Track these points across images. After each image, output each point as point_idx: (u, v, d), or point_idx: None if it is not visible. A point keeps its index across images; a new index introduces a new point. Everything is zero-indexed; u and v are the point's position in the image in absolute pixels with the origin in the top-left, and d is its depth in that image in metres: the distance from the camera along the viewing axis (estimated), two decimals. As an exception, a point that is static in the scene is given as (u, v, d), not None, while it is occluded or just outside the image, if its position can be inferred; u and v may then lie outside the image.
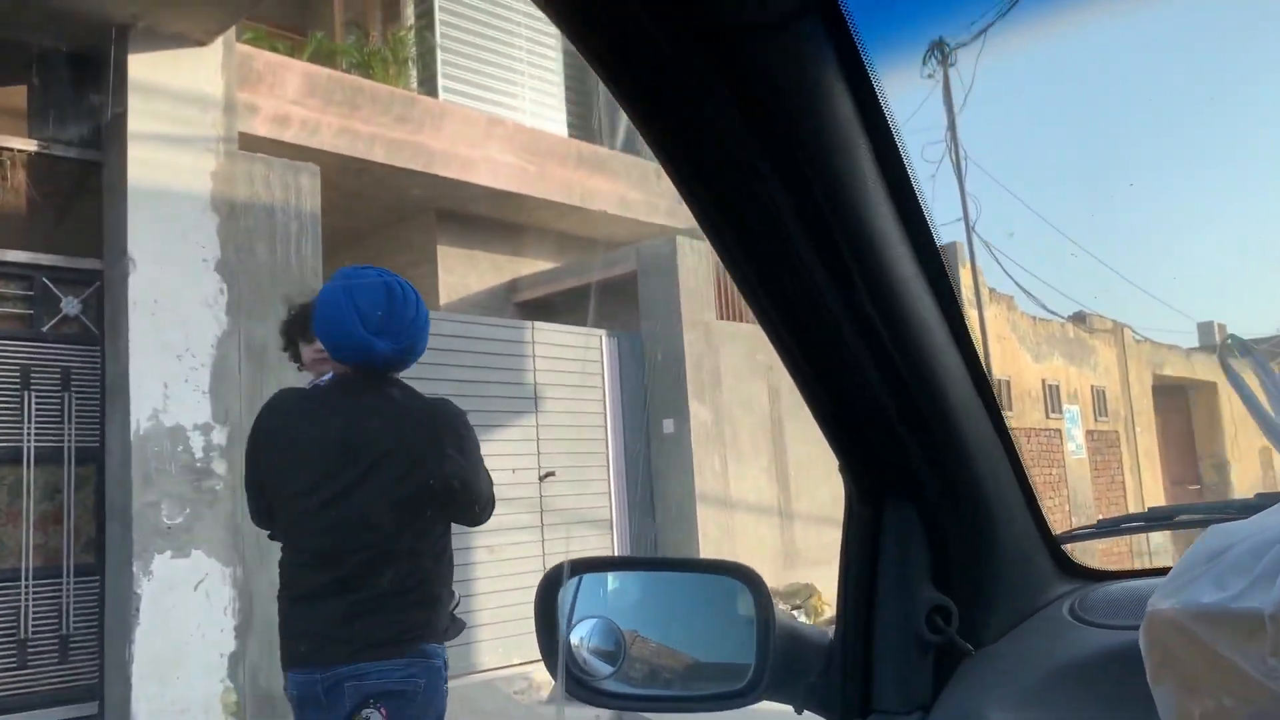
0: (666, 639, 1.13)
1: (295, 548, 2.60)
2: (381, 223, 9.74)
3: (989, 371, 0.94)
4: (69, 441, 5.45)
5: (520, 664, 6.93)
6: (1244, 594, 0.65)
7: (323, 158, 6.47)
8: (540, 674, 6.87)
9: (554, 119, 10.95)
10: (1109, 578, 1.09)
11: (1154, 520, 1.25)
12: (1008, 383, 11.35)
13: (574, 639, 1.12)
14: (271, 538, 2.74)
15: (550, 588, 1.14)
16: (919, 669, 0.95)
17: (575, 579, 1.16)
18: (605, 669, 1.10)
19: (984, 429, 0.96)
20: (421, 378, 6.57)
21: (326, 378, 2.72)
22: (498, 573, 6.91)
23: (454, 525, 2.73)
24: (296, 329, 2.91)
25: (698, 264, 8.43)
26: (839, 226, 0.79)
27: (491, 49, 10.43)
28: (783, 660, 0.99)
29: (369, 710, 2.40)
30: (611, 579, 1.19)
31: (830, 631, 1.06)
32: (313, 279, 6.03)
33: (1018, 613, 1.02)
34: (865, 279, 0.82)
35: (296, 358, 2.99)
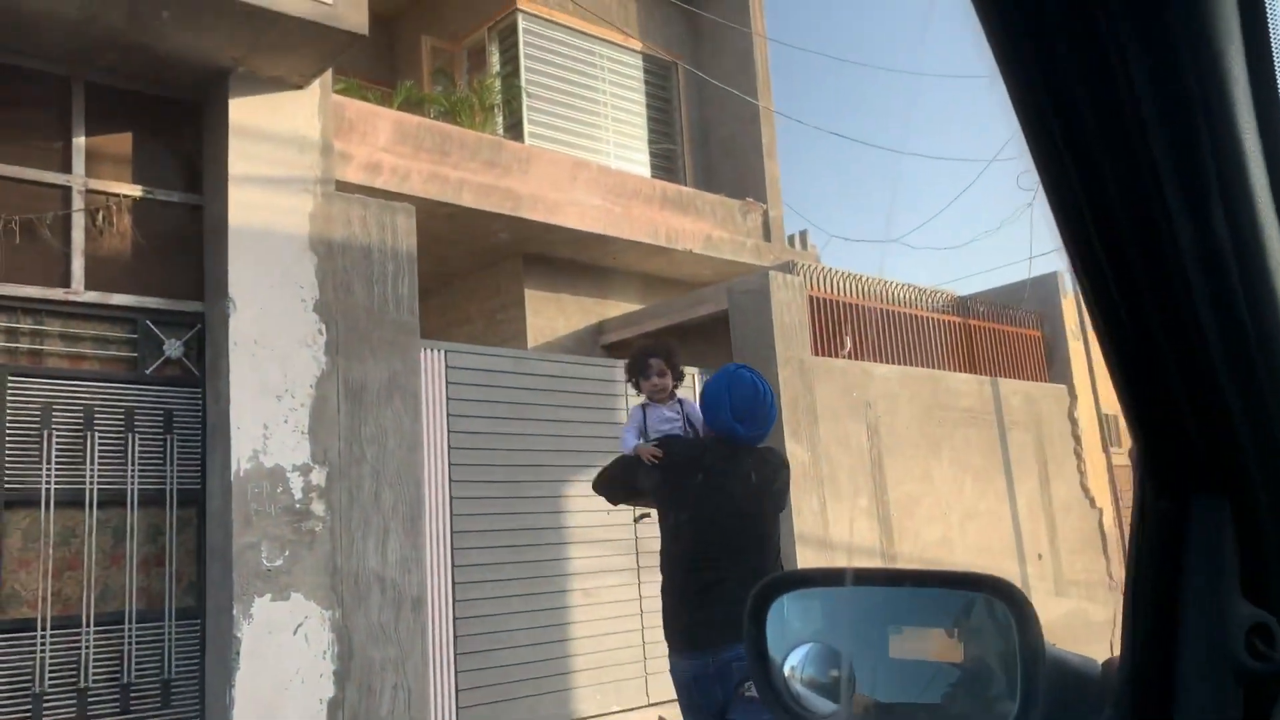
0: (900, 669, 0.96)
1: (701, 552, 3.34)
2: (470, 267, 9.78)
3: None
4: (171, 483, 5.45)
5: (619, 711, 6.71)
6: None
7: (413, 203, 6.50)
8: (640, 722, 6.64)
9: (638, 160, 10.95)
10: None
11: None
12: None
13: (787, 667, 0.96)
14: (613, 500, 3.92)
15: (760, 606, 0.98)
16: (1232, 703, 0.77)
17: (787, 596, 0.99)
18: (825, 704, 0.93)
19: None
20: (515, 417, 6.49)
21: (671, 412, 3.87)
22: (594, 616, 6.74)
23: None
24: (635, 369, 3.97)
25: (790, 299, 8.25)
26: (1204, 122, 0.64)
27: (576, 93, 10.49)
28: (1052, 693, 0.82)
29: (747, 683, 3.06)
30: (830, 596, 1.03)
31: (1100, 661, 0.88)
32: (409, 318, 6.01)
33: None
34: (1225, 205, 0.66)
35: (637, 387, 4.01)
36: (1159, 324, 0.72)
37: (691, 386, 8.14)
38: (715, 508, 3.40)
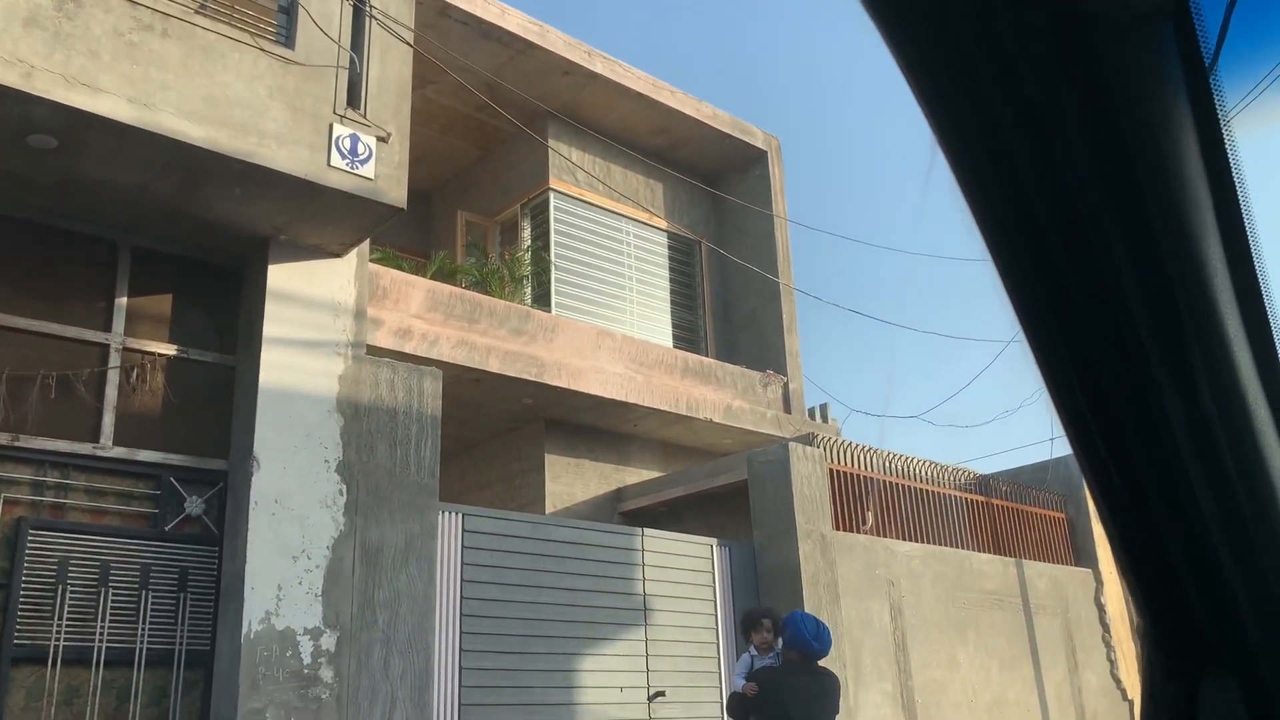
0: None
1: None
2: (493, 431, 9.85)
3: None
4: (180, 644, 5.37)
5: None
6: None
7: (440, 368, 6.63)
8: None
9: (660, 331, 11.16)
10: None
11: None
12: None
13: None
14: None
15: None
16: None
17: None
18: None
19: None
20: (530, 585, 6.40)
21: (770, 657, 5.47)
22: (604, 801, 6.44)
23: None
24: (749, 625, 5.68)
25: (811, 471, 8.23)
26: (1185, 304, 0.67)
27: (603, 267, 10.81)
28: None
29: None
30: None
31: None
32: (430, 480, 6.03)
33: None
34: (1211, 383, 0.69)
35: (747, 638, 5.69)
36: (1157, 503, 0.74)
37: (709, 558, 8.05)
38: (797, 709, 5.14)
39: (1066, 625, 9.92)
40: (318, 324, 5.88)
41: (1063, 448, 11.05)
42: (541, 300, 10.07)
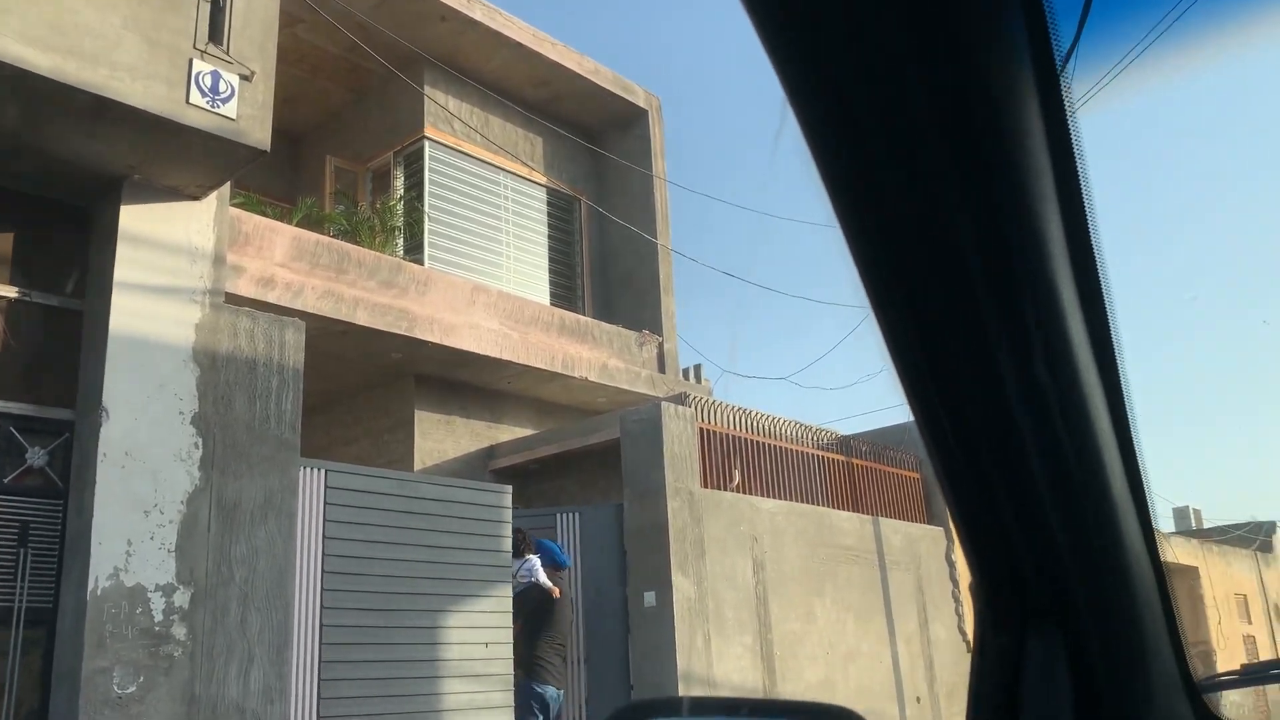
0: None
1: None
2: (360, 385, 9.64)
3: (1150, 493, 0.81)
4: (19, 601, 5.12)
5: None
6: None
7: (305, 319, 6.42)
8: None
9: (538, 287, 11.08)
10: None
11: None
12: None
13: None
14: None
15: None
16: None
17: None
18: None
19: (1141, 551, 0.83)
20: (395, 542, 6.33)
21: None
22: (467, 755, 6.45)
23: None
24: (522, 542, 7.27)
25: (682, 430, 8.34)
26: (1023, 273, 0.69)
27: (478, 220, 10.64)
28: None
29: None
30: None
31: None
32: (290, 435, 5.87)
33: None
34: (1045, 349, 0.71)
35: (520, 556, 7.23)
36: (991, 467, 0.77)
37: (571, 526, 8.10)
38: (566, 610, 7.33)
39: (918, 580, 10.38)
40: (173, 269, 5.63)
41: (921, 411, 11.48)
42: (414, 253, 9.86)
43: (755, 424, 9.40)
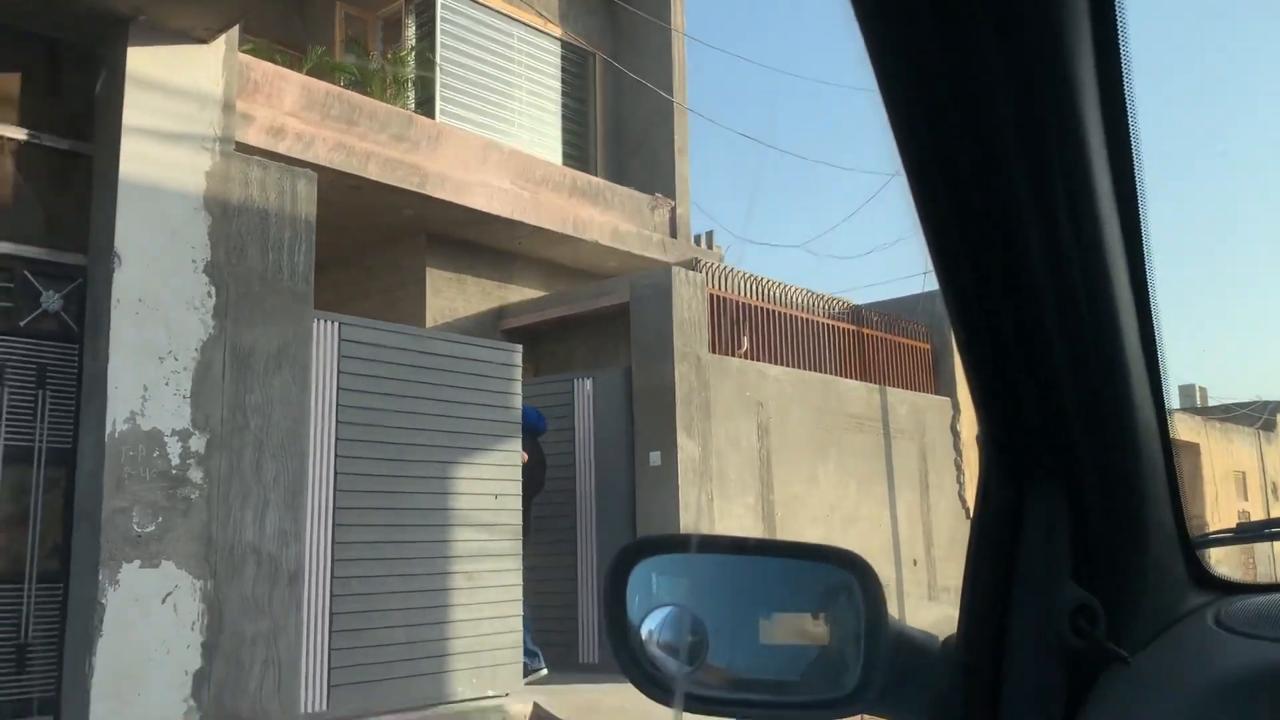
0: (755, 634, 0.98)
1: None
2: (372, 241, 9.61)
3: (1163, 354, 0.82)
4: (40, 441, 5.24)
5: (494, 697, 6.70)
6: None
7: (317, 172, 6.34)
8: (515, 707, 6.64)
9: (550, 147, 10.91)
10: (1244, 590, 0.97)
11: None
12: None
13: (644, 630, 0.97)
14: None
15: (621, 570, 0.99)
16: (1056, 679, 0.82)
17: (650, 560, 1.01)
18: (681, 666, 0.95)
19: (1149, 412, 0.84)
20: (408, 395, 6.42)
21: None
22: (474, 600, 6.70)
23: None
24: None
25: (692, 296, 8.34)
26: (1054, 120, 0.68)
27: (490, 74, 10.40)
28: (893, 666, 0.86)
29: None
30: (692, 563, 1.05)
31: (941, 637, 0.93)
32: (304, 287, 5.89)
33: (1158, 621, 0.89)
34: (1069, 203, 0.71)
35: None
36: (1008, 318, 0.77)
37: (571, 393, 8.18)
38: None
39: (922, 449, 10.54)
40: (182, 115, 5.54)
41: (934, 282, 11.44)
42: (425, 106, 9.68)
43: (766, 291, 9.38)
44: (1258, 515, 17.88)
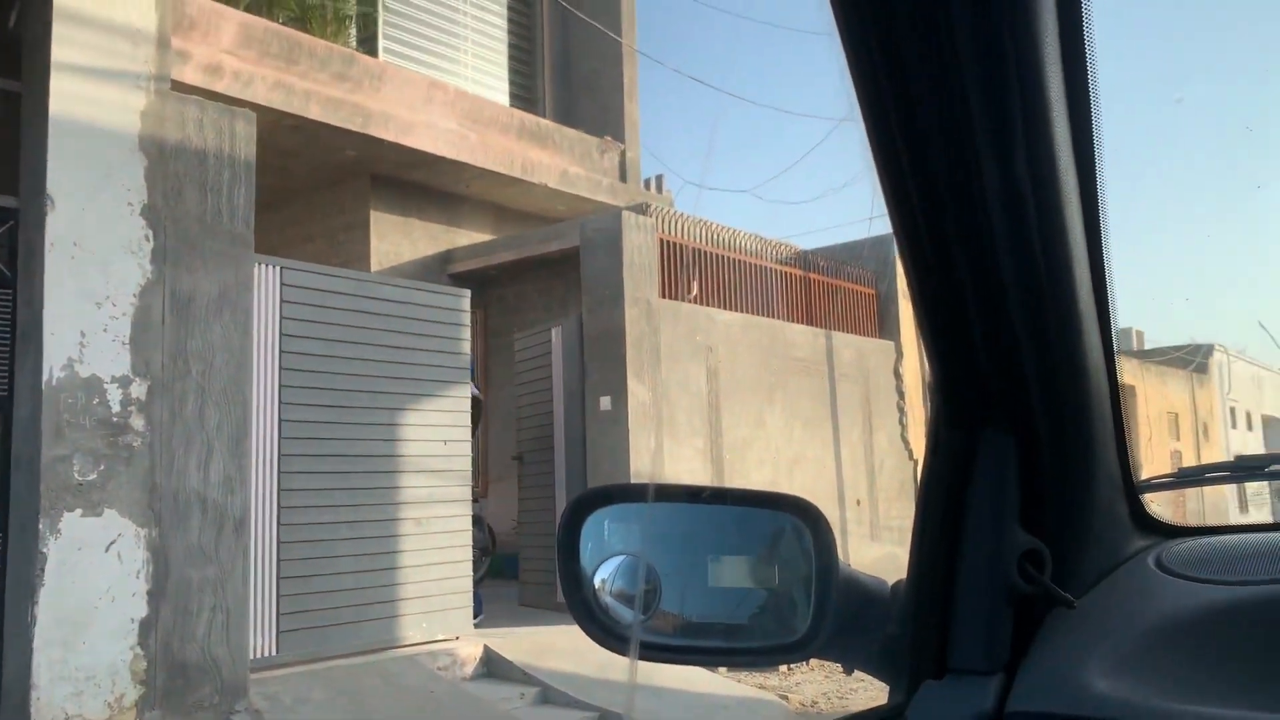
0: (708, 581, 0.99)
1: None
2: (314, 184, 9.42)
3: (1114, 304, 0.83)
4: (-27, 389, 5.11)
5: (445, 640, 6.75)
6: None
7: (256, 112, 6.18)
8: (465, 650, 6.70)
9: (497, 87, 10.74)
10: (1182, 534, 1.00)
11: (1242, 469, 1.16)
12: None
13: (598, 579, 0.98)
14: None
15: (575, 518, 0.99)
16: (1003, 622, 0.83)
17: (604, 509, 1.01)
18: (635, 615, 0.96)
19: (1098, 358, 0.85)
20: (352, 341, 6.35)
21: None
22: (423, 546, 6.72)
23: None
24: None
25: (642, 240, 8.31)
26: (1014, 64, 0.68)
27: (435, 11, 10.17)
28: (843, 611, 0.87)
29: None
30: (645, 512, 1.05)
31: (884, 574, 0.94)
32: (244, 230, 5.76)
33: (1102, 564, 0.91)
34: (1028, 149, 0.71)
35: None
36: (962, 264, 0.77)
37: (547, 340, 8.14)
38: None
39: (866, 392, 10.69)
40: (115, 51, 5.35)
41: (880, 227, 11.51)
42: (367, 45, 9.45)
43: (716, 237, 9.38)
44: (1189, 455, 18.44)
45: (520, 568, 8.70)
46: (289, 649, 6.00)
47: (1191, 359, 19.78)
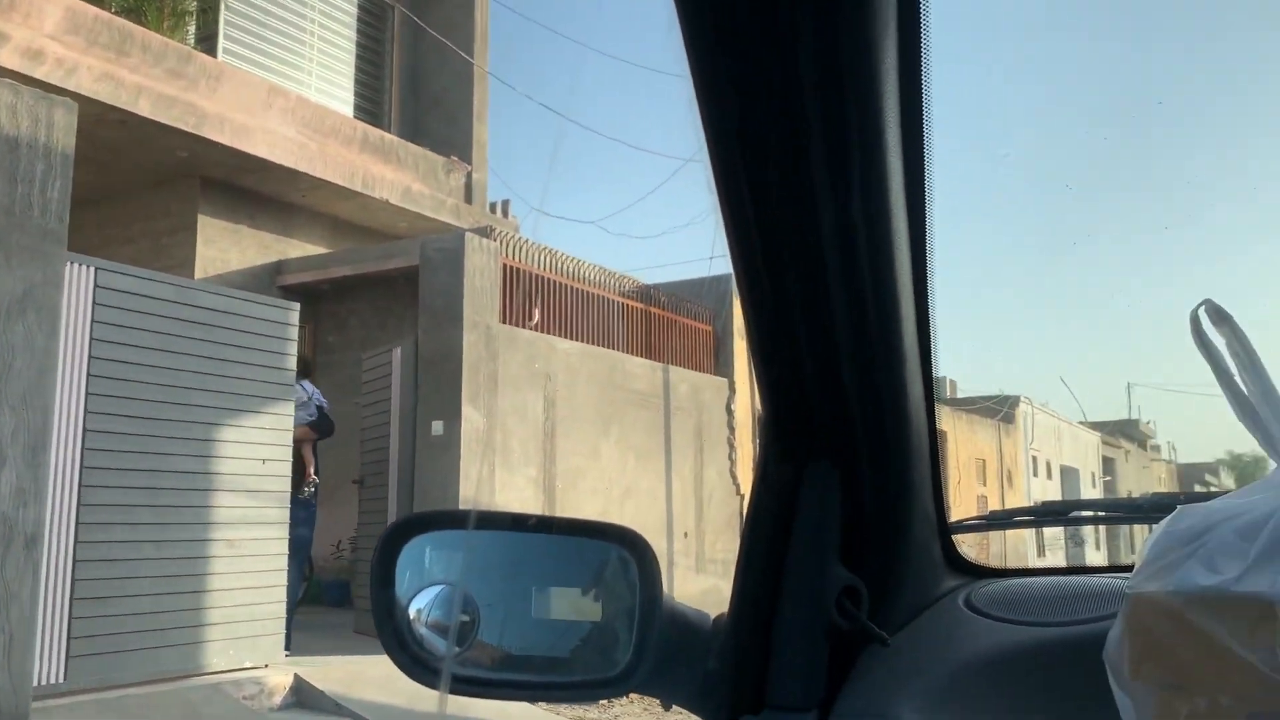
0: (532, 612, 0.96)
1: None
2: (139, 183, 8.94)
3: (935, 347, 0.86)
4: None
5: (252, 668, 6.43)
6: (1243, 578, 0.57)
7: (79, 102, 5.81)
8: (274, 679, 6.39)
9: (341, 98, 10.48)
10: (990, 575, 1.04)
11: (1047, 515, 1.22)
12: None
13: (413, 609, 0.93)
14: None
15: (392, 544, 0.94)
16: (821, 659, 0.84)
17: (424, 536, 0.97)
18: (450, 646, 0.92)
19: (920, 402, 0.88)
20: (170, 350, 6.04)
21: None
22: (235, 569, 6.39)
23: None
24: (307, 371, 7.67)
25: (485, 263, 8.23)
26: (854, 104, 0.69)
27: (280, 15, 9.86)
28: (664, 645, 0.85)
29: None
30: (469, 539, 1.01)
31: (707, 606, 0.94)
32: (56, 225, 5.39)
33: (915, 603, 0.94)
34: (863, 190, 0.72)
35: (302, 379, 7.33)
36: (796, 301, 0.78)
37: (388, 363, 7.93)
38: None
39: (699, 426, 10.87)
40: (-83, 24, 4.94)
41: (720, 266, 11.79)
42: (207, 44, 9.07)
43: (560, 265, 9.39)
44: (994, 499, 19.55)
45: (354, 595, 8.40)
46: (79, 676, 5.58)
47: (999, 409, 21.05)
